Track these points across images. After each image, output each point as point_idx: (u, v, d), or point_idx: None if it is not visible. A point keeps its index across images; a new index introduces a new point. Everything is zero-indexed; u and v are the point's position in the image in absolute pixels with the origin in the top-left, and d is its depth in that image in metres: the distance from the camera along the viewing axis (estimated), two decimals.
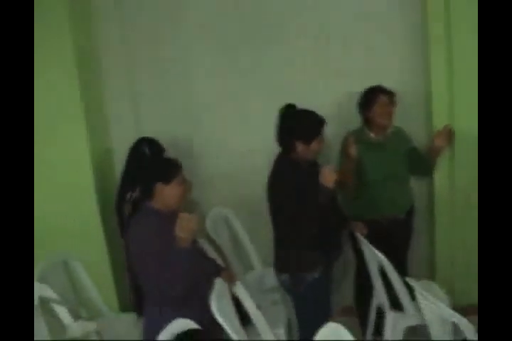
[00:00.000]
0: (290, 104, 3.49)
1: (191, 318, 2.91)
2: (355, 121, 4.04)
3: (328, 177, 3.28)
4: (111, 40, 4.26)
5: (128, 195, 3.73)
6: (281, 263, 3.56)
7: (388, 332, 3.69)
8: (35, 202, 3.56)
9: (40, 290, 3.42)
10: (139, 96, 4.35)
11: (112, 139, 4.38)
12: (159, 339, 2.73)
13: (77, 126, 3.96)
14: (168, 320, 2.86)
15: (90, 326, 3.34)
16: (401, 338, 3.64)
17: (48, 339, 3.40)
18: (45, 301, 3.44)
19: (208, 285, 3.09)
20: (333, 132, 3.83)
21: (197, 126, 4.39)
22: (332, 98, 4.23)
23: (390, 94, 3.95)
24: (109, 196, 4.02)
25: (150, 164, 3.38)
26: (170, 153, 3.90)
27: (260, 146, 4.24)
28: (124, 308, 4.18)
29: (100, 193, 4.10)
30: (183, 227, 2.95)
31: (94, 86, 4.22)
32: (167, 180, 3.18)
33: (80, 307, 3.80)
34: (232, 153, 4.40)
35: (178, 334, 2.77)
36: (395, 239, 4.05)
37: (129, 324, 3.81)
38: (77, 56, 3.89)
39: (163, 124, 4.34)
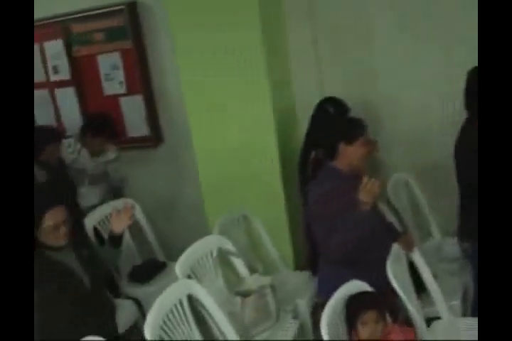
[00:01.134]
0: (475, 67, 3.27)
1: (365, 281, 2.89)
2: None
3: None
4: (297, 7, 4.22)
5: (311, 155, 3.73)
6: (465, 231, 3.41)
7: None
8: (218, 162, 3.68)
9: (220, 242, 3.54)
10: (321, 59, 4.30)
11: (295, 99, 4.38)
12: (333, 299, 2.73)
13: (262, 85, 3.98)
14: (342, 281, 2.85)
15: (265, 280, 3.40)
16: None
17: (224, 290, 3.53)
18: (223, 253, 3.56)
19: (385, 250, 3.04)
20: None
21: (377, 90, 4.28)
22: None
23: None
24: (292, 155, 4.04)
25: (335, 124, 3.34)
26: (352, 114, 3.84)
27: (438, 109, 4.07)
28: (298, 267, 4.22)
29: (283, 152, 4.12)
30: (367, 191, 2.91)
31: (279, 47, 4.21)
32: (351, 140, 3.13)
33: (257, 262, 3.89)
34: (410, 116, 4.25)
35: None
36: None
37: (303, 282, 3.86)
38: (263, 19, 3.90)
39: (344, 87, 4.27)
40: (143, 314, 3.88)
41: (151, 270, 4.21)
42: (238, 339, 3.07)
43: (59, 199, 3.10)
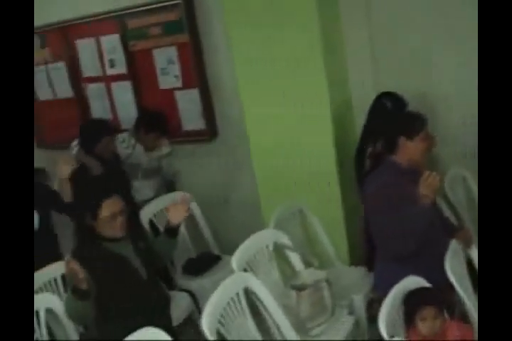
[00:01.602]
0: None
1: (423, 276, 2.86)
2: None
3: None
4: (353, 4, 4.19)
5: (369, 149, 3.71)
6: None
7: None
8: (274, 157, 3.67)
9: (276, 236, 3.55)
10: (377, 50, 4.26)
11: (351, 96, 4.35)
12: (391, 295, 2.71)
13: (319, 82, 3.96)
14: (400, 276, 2.83)
15: (321, 274, 3.39)
16: None
17: (279, 283, 3.53)
18: (279, 247, 3.56)
19: (442, 245, 3.00)
20: None
21: (432, 85, 4.21)
22: None
23: None
24: (349, 151, 4.01)
25: (395, 118, 3.32)
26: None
27: None
28: (353, 262, 4.20)
29: (340, 148, 4.09)
30: (428, 185, 2.89)
31: (336, 44, 4.18)
32: (412, 135, 3.10)
33: (312, 257, 3.88)
34: (466, 110, 4.16)
35: None
36: None
37: (358, 277, 3.84)
38: (321, 18, 3.87)
39: (399, 82, 4.21)
40: (197, 306, 3.93)
41: (205, 263, 4.25)
42: (293, 332, 3.08)
43: (114, 191, 3.15)
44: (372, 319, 3.49)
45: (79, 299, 2.87)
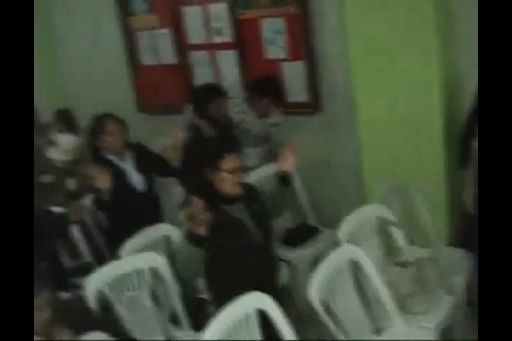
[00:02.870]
0: None
1: None
2: None
3: None
4: None
5: (476, 127, 3.62)
6: None
7: None
8: (381, 130, 3.63)
9: (381, 211, 3.54)
10: None
11: (465, 73, 4.24)
12: None
13: (430, 56, 3.89)
14: None
15: (424, 253, 3.37)
16: None
17: (382, 259, 3.52)
18: (383, 223, 3.55)
19: None
20: None
21: None
22: None
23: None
24: (456, 129, 3.94)
25: None
26: None
27: None
28: (452, 244, 4.14)
29: (447, 126, 4.02)
30: None
31: (447, 8, 4.08)
32: None
33: (415, 234, 3.86)
34: None
35: None
36: None
37: (458, 258, 3.78)
38: None
39: None
40: (293, 277, 3.97)
41: (304, 234, 4.27)
42: (395, 307, 3.09)
43: (229, 151, 3.18)
44: (471, 304, 3.47)
45: (193, 244, 2.89)
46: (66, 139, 5.50)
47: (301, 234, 4.27)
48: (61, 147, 5.45)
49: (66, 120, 5.66)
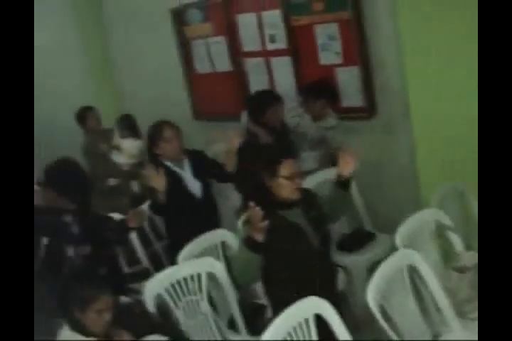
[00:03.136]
0: None
1: None
2: None
3: None
4: None
5: None
6: None
7: None
8: (436, 134, 3.58)
9: (438, 216, 3.50)
10: None
11: None
12: None
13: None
14: None
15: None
16: None
17: (439, 264, 3.49)
18: (440, 228, 3.51)
19: None
20: None
21: None
22: None
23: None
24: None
25: None
26: None
27: None
28: None
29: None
30: None
31: None
32: None
33: (472, 239, 3.80)
34: None
35: None
36: None
37: None
38: None
39: None
40: (349, 282, 3.96)
41: (360, 239, 4.26)
42: (453, 313, 3.05)
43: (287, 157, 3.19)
44: None
45: (250, 249, 2.89)
46: (130, 143, 5.64)
47: (357, 240, 4.25)
48: (125, 151, 5.60)
49: (129, 125, 5.79)
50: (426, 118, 4.10)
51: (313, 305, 2.72)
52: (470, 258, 3.35)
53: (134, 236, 4.24)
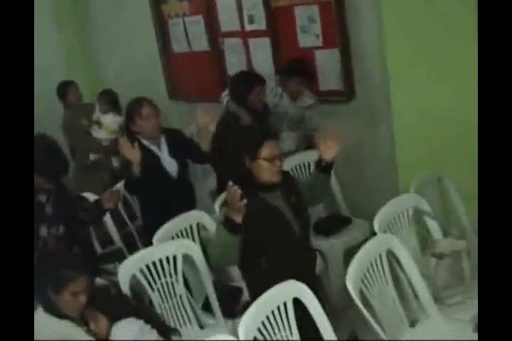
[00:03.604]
0: None
1: None
2: None
3: None
4: None
5: None
6: None
7: None
8: (416, 120, 3.55)
9: (417, 201, 3.49)
10: None
11: None
12: None
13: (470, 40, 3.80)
14: None
15: (461, 244, 3.32)
16: None
17: (417, 250, 3.48)
18: (418, 213, 3.51)
19: None
20: None
21: None
22: None
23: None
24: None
25: None
26: None
27: None
28: None
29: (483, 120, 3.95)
30: None
31: None
32: None
33: (450, 226, 3.81)
34: None
35: None
36: None
37: None
38: None
39: None
40: (325, 266, 3.94)
41: (336, 223, 4.25)
42: (431, 298, 3.06)
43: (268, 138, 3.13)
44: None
45: (229, 231, 2.85)
46: (110, 118, 5.58)
47: (333, 223, 4.25)
48: (105, 126, 5.53)
49: (110, 100, 5.70)
50: (405, 103, 4.08)
51: (292, 289, 2.69)
52: (447, 244, 3.36)
53: (107, 217, 4.17)
